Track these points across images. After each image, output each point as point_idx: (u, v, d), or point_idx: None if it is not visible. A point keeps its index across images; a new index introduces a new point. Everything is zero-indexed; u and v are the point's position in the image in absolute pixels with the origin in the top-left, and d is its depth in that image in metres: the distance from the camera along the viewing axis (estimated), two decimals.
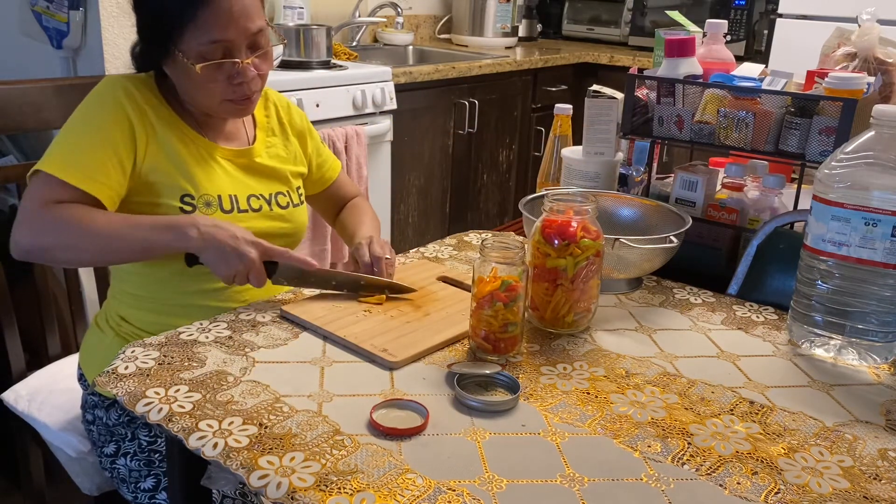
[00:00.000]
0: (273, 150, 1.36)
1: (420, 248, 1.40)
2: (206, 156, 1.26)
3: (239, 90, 1.21)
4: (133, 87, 1.22)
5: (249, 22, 1.18)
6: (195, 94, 1.22)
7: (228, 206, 1.25)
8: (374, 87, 2.48)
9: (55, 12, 2.06)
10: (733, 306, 1.23)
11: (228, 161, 1.29)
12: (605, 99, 1.49)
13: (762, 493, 0.79)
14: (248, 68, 1.20)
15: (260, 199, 1.30)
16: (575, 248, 1.05)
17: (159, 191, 1.21)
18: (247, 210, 1.27)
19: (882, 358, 1.06)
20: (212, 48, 1.16)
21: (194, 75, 1.17)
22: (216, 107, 1.23)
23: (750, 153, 1.37)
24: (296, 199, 1.36)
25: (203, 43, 1.16)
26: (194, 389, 0.92)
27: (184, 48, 1.16)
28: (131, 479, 1.23)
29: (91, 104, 1.21)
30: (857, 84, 1.30)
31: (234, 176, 1.28)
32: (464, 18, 3.58)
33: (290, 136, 1.41)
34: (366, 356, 1.02)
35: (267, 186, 1.32)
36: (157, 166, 1.21)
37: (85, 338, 1.36)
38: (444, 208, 3.06)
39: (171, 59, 1.19)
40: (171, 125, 1.24)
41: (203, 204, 1.22)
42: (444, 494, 0.76)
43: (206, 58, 1.17)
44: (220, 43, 1.17)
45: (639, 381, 0.99)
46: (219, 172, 1.26)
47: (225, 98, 1.21)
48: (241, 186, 1.28)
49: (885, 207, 1.00)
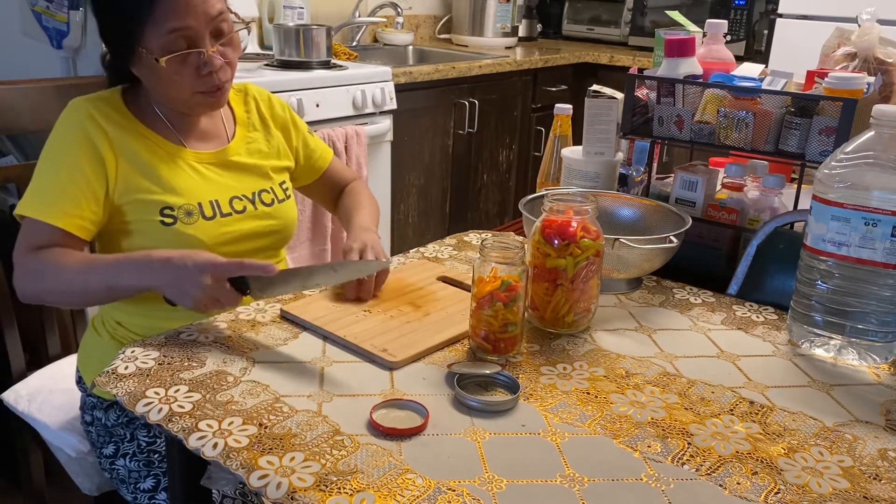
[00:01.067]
0: (254, 146, 1.34)
1: (420, 248, 1.40)
2: (182, 164, 1.24)
3: (209, 80, 1.18)
4: (95, 110, 1.20)
5: (208, 6, 1.15)
6: (166, 90, 1.20)
7: (210, 213, 1.23)
8: (374, 87, 2.48)
9: (55, 12, 2.06)
10: (733, 306, 1.23)
11: (205, 165, 1.27)
12: (605, 99, 1.49)
13: (762, 493, 0.79)
14: (215, 57, 1.17)
15: (243, 200, 1.28)
16: (575, 248, 1.05)
17: (138, 208, 1.20)
18: (230, 213, 1.25)
19: (882, 358, 1.06)
20: (173, 38, 1.14)
21: (161, 71, 1.15)
22: (189, 101, 1.21)
23: (750, 153, 1.37)
24: (280, 195, 1.34)
25: (163, 34, 1.13)
26: (194, 389, 0.92)
27: (147, 44, 1.14)
28: (131, 479, 1.23)
29: (57, 136, 1.19)
30: (857, 84, 1.30)
31: (212, 180, 1.26)
32: (464, 18, 3.58)
33: (273, 130, 1.38)
34: (366, 356, 1.02)
35: (249, 185, 1.30)
36: (131, 185, 1.19)
37: (83, 340, 1.36)
38: (444, 208, 3.06)
39: (137, 59, 1.17)
40: (140, 139, 1.22)
41: (184, 214, 1.21)
42: (444, 494, 0.76)
43: (170, 50, 1.14)
44: (181, 32, 1.14)
45: (639, 381, 0.99)
46: (196, 179, 1.24)
47: (196, 91, 1.19)
48: (222, 189, 1.26)
49: (885, 207, 0.99)
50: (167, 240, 1.20)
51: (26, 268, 1.16)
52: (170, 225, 1.20)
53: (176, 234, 1.20)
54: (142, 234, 1.21)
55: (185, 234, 1.20)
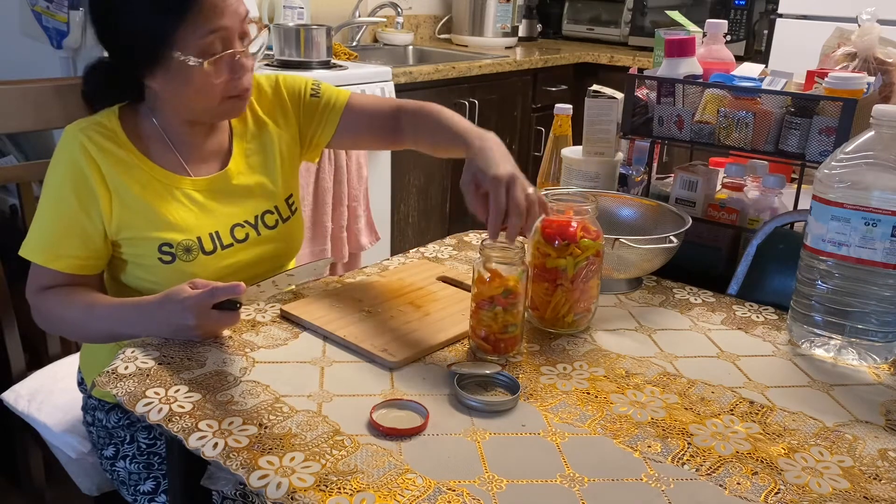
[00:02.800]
0: (253, 159, 1.27)
1: (420, 248, 1.40)
2: (180, 195, 1.19)
3: (239, 84, 1.15)
4: (89, 141, 1.14)
5: (240, 6, 1.13)
6: (196, 98, 1.14)
7: (210, 247, 1.19)
8: (374, 87, 2.48)
9: (55, 12, 2.06)
10: (733, 306, 1.23)
11: (205, 193, 1.21)
12: (605, 99, 1.49)
13: (762, 493, 0.79)
14: (246, 59, 1.15)
15: (245, 227, 1.23)
16: (575, 248, 1.05)
17: (134, 246, 1.17)
18: (231, 244, 1.21)
19: (882, 358, 1.06)
20: (211, 40, 1.10)
21: (197, 75, 1.11)
22: (215, 108, 1.16)
23: (750, 153, 1.37)
24: (285, 212, 1.28)
25: (202, 35, 1.09)
26: (194, 389, 0.92)
27: (182, 47, 1.09)
28: (131, 481, 1.23)
29: (53, 173, 1.16)
30: (857, 84, 1.30)
31: (212, 210, 1.21)
32: (464, 18, 3.58)
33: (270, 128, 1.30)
34: (366, 356, 1.02)
35: (251, 209, 1.24)
36: (125, 222, 1.16)
37: None
38: (444, 208, 3.06)
39: (161, 69, 1.12)
40: (135, 170, 1.16)
41: (182, 251, 1.17)
42: (444, 494, 0.76)
43: (208, 52, 1.10)
44: (218, 33, 1.10)
45: (639, 381, 0.99)
46: (195, 212, 1.19)
47: (226, 95, 1.15)
48: (223, 219, 1.21)
49: (885, 207, 0.99)
50: (166, 275, 1.17)
51: (36, 308, 1.18)
52: (168, 263, 1.16)
53: (175, 271, 1.17)
54: (141, 268, 1.19)
55: (185, 272, 1.17)
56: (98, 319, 1.13)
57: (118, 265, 1.21)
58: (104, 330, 1.14)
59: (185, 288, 1.04)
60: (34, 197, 1.50)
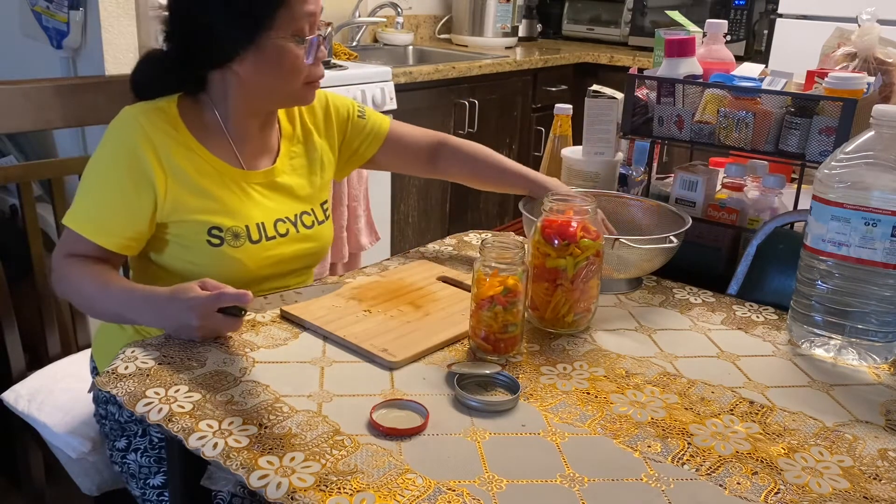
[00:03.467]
0: (297, 161, 1.31)
1: (420, 248, 1.40)
2: (232, 184, 1.22)
3: (318, 70, 1.20)
4: (147, 122, 1.17)
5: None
6: (282, 80, 1.18)
7: (257, 236, 1.22)
8: (374, 87, 2.48)
9: (55, 12, 2.06)
10: (733, 306, 1.23)
11: (255, 185, 1.25)
12: (605, 99, 1.49)
13: (762, 493, 0.79)
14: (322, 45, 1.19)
15: (286, 223, 1.26)
16: (575, 248, 1.05)
17: (185, 227, 1.19)
18: (274, 237, 1.24)
19: (882, 358, 1.06)
20: (303, 24, 1.15)
21: (289, 57, 1.15)
22: (296, 92, 1.21)
23: (750, 153, 1.37)
24: (321, 216, 1.32)
25: (298, 18, 1.14)
26: (194, 389, 0.92)
27: (280, 28, 1.14)
28: (141, 475, 1.23)
29: (106, 149, 1.18)
30: (857, 84, 1.30)
31: (259, 202, 1.24)
32: (464, 18, 3.58)
33: (315, 140, 1.34)
34: (366, 356, 1.02)
35: (292, 207, 1.28)
36: (180, 204, 1.18)
37: (99, 330, 1.35)
38: (444, 208, 3.06)
39: (256, 50, 1.15)
40: (191, 155, 1.19)
41: (231, 237, 1.19)
42: (444, 494, 0.76)
43: (302, 34, 1.15)
44: (309, 17, 1.16)
45: (639, 381, 0.99)
46: (245, 201, 1.23)
47: (308, 80, 1.19)
48: (268, 212, 1.25)
49: (885, 207, 1.00)
50: (211, 258, 1.19)
51: (58, 272, 1.18)
52: (216, 246, 1.18)
53: (220, 256, 1.19)
54: (185, 249, 1.20)
55: (230, 257, 1.19)
56: (109, 298, 1.14)
57: (157, 245, 1.22)
58: (112, 310, 1.16)
59: (193, 287, 1.05)
60: (34, 197, 1.50)
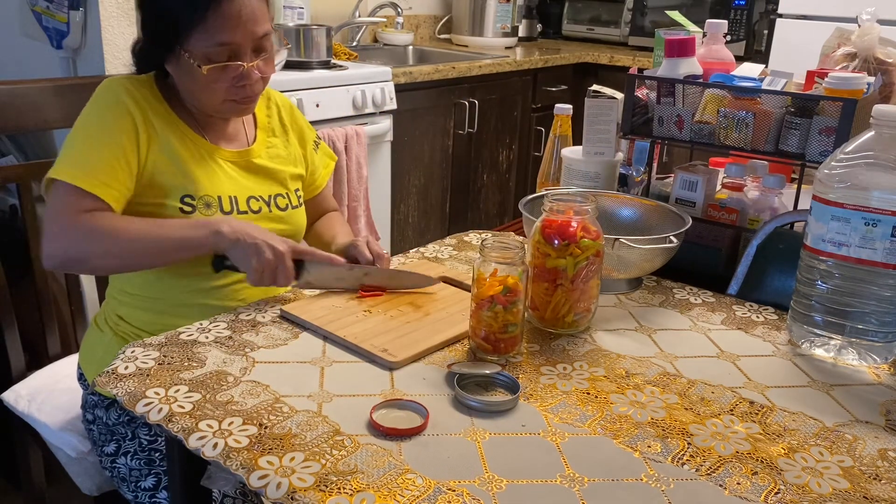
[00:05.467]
0: (273, 151, 1.36)
1: (420, 248, 1.40)
2: (206, 157, 1.27)
3: (241, 91, 1.22)
4: (134, 88, 1.23)
5: (256, 26, 1.20)
6: (198, 93, 1.23)
7: (228, 208, 1.26)
8: (374, 87, 2.48)
9: (55, 12, 2.06)
10: (733, 306, 1.23)
11: (228, 162, 1.29)
12: (605, 99, 1.49)
13: (762, 493, 0.79)
14: (253, 71, 1.21)
15: (259, 201, 1.30)
16: (575, 248, 1.05)
17: (161, 191, 1.21)
18: (246, 212, 1.28)
19: (882, 358, 1.06)
20: (218, 50, 1.18)
21: (199, 76, 1.19)
22: (217, 106, 1.24)
23: (750, 153, 1.37)
24: (294, 202, 1.36)
25: (210, 45, 1.17)
26: (194, 389, 0.92)
27: (190, 49, 1.18)
28: (132, 478, 1.23)
29: (95, 106, 1.21)
30: (857, 84, 1.30)
31: (233, 177, 1.29)
32: (464, 18, 3.58)
33: (291, 138, 1.41)
34: (366, 356, 1.02)
35: (266, 188, 1.32)
36: (159, 167, 1.21)
37: (84, 337, 1.36)
38: (444, 208, 3.06)
39: (175, 58, 1.20)
40: (171, 125, 1.24)
41: (203, 205, 1.23)
42: (444, 494, 0.76)
43: (212, 60, 1.18)
44: (227, 46, 1.18)
45: (639, 381, 0.99)
46: (218, 174, 1.27)
47: (227, 98, 1.23)
48: (241, 188, 1.29)
49: (885, 207, 0.99)
50: None
51: (74, 230, 1.13)
52: (188, 213, 1.22)
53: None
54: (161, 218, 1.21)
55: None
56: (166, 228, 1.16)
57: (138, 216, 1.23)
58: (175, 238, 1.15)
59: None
60: (34, 197, 1.50)
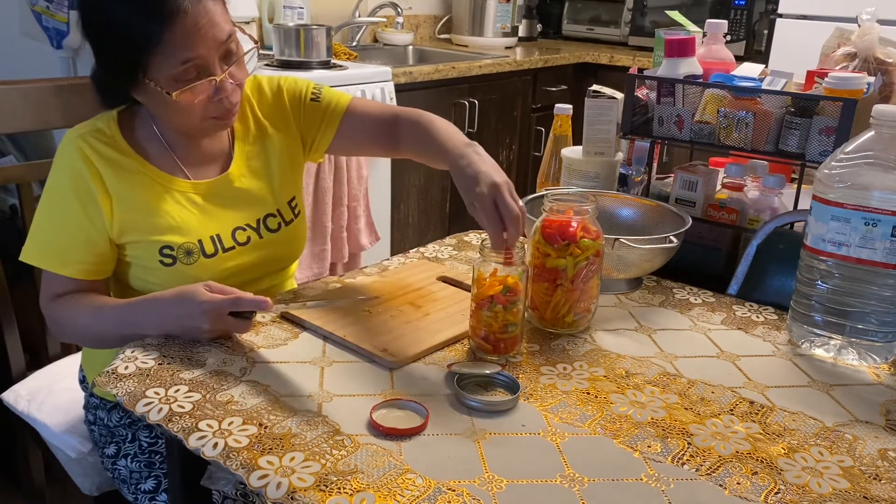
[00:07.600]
0: (254, 163, 1.26)
1: (420, 248, 1.40)
2: (180, 198, 1.18)
3: (220, 106, 1.13)
4: (88, 148, 1.14)
5: (218, 31, 1.08)
6: (173, 119, 1.15)
7: (211, 250, 1.18)
8: (374, 87, 2.48)
9: (55, 12, 2.06)
10: (733, 306, 1.23)
11: (205, 196, 1.20)
12: (605, 99, 1.49)
13: (762, 493, 0.79)
14: (227, 82, 1.11)
15: (247, 230, 1.22)
16: (575, 248, 1.05)
17: (136, 249, 1.17)
18: (233, 247, 1.20)
19: (882, 358, 1.06)
20: (184, 69, 1.07)
21: (169, 102, 1.09)
22: (199, 126, 1.15)
23: (750, 153, 1.37)
24: (288, 216, 1.27)
25: (174, 66, 1.06)
26: (194, 389, 0.92)
27: (154, 76, 1.07)
28: (132, 480, 1.23)
29: (53, 179, 1.16)
30: (857, 84, 1.30)
31: (213, 213, 1.20)
32: (464, 18, 3.58)
33: (270, 132, 1.28)
34: (366, 356, 1.02)
35: (252, 213, 1.24)
36: (127, 226, 1.15)
37: None
38: (444, 208, 3.06)
39: (140, 87, 1.11)
40: (136, 174, 1.16)
41: (183, 254, 1.16)
42: (444, 494, 0.76)
43: (180, 81, 1.08)
44: (192, 62, 1.07)
45: (639, 381, 0.99)
46: (196, 215, 1.19)
47: (207, 116, 1.14)
48: (224, 222, 1.21)
49: (885, 207, 0.99)
50: (167, 277, 1.16)
51: (50, 318, 1.18)
52: (169, 266, 1.16)
53: (176, 274, 1.16)
54: (143, 270, 1.19)
55: (186, 274, 1.16)
56: (107, 321, 1.13)
57: (122, 268, 1.21)
58: (112, 331, 1.12)
59: (202, 291, 1.03)
60: (34, 197, 1.50)
